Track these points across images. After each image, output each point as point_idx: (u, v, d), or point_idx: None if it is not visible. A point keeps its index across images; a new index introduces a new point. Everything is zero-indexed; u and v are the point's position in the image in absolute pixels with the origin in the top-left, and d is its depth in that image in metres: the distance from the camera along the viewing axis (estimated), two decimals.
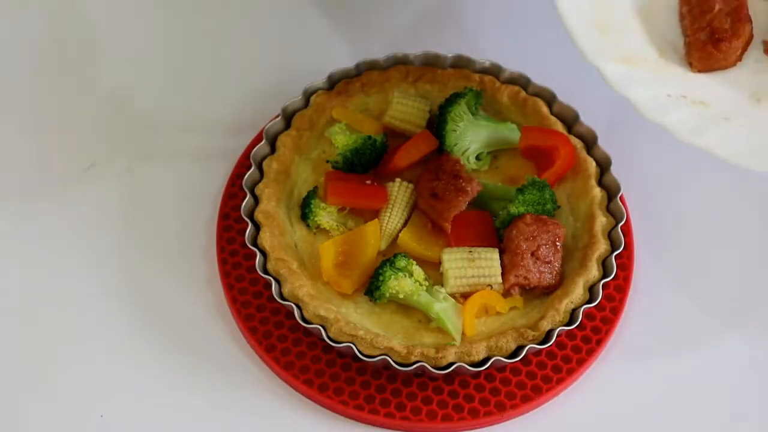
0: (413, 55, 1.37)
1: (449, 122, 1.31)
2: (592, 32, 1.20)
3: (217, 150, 1.39)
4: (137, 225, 1.34)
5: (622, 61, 1.20)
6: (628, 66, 1.20)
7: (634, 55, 1.22)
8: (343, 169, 1.30)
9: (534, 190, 1.27)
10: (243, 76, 1.47)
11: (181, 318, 1.27)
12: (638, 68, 1.21)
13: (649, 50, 1.24)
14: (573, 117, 1.34)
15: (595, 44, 1.19)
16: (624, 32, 1.24)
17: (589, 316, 1.26)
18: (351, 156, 1.29)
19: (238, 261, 1.29)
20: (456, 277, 1.22)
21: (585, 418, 1.24)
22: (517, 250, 1.24)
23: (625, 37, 1.24)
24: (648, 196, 1.38)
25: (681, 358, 1.27)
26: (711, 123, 1.18)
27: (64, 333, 1.26)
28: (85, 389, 1.23)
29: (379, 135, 1.31)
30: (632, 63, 1.20)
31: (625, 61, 1.20)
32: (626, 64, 1.20)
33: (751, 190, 1.40)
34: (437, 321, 1.21)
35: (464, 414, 1.21)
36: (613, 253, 1.25)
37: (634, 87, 1.17)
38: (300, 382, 1.22)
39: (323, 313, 1.20)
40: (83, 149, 1.40)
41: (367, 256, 1.24)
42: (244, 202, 1.27)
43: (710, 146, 1.15)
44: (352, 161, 1.29)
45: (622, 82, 1.17)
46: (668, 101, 1.19)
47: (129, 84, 1.46)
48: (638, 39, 1.25)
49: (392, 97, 1.35)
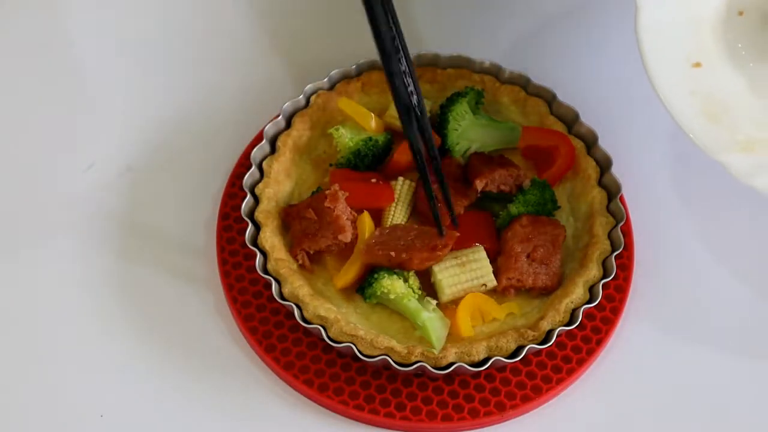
0: (413, 55, 1.37)
1: (451, 121, 1.31)
2: (705, 124, 1.19)
3: (217, 150, 1.39)
4: (137, 225, 1.34)
5: (741, 150, 1.18)
6: (747, 153, 1.18)
7: (750, 140, 1.20)
8: (354, 168, 1.30)
9: (534, 190, 1.27)
10: (243, 76, 1.47)
11: (182, 318, 1.27)
12: (758, 153, 1.19)
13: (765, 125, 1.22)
14: (573, 117, 1.34)
15: (710, 137, 1.18)
16: (734, 116, 1.22)
17: (589, 316, 1.26)
18: (353, 158, 1.29)
19: (238, 261, 1.29)
20: (450, 285, 1.22)
21: (585, 418, 1.24)
22: (511, 252, 1.24)
23: (737, 122, 1.21)
24: (648, 196, 1.38)
25: (681, 358, 1.27)
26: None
27: (63, 333, 1.26)
28: (85, 389, 1.23)
29: (381, 134, 1.31)
30: (750, 149, 1.18)
31: (743, 149, 1.18)
32: (745, 152, 1.18)
33: (752, 190, 1.40)
34: (422, 329, 1.21)
35: (464, 414, 1.21)
36: (613, 253, 1.25)
37: (759, 176, 1.16)
38: (300, 382, 1.22)
39: (323, 313, 1.20)
40: (83, 149, 1.40)
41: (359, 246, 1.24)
42: (244, 202, 1.27)
43: None
44: (355, 163, 1.30)
45: (746, 174, 1.16)
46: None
47: (129, 83, 1.46)
48: (751, 118, 1.22)
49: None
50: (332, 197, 1.23)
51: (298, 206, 1.27)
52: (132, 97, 1.45)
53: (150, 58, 1.49)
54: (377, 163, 1.31)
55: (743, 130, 1.22)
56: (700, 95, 1.21)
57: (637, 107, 1.46)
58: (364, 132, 1.32)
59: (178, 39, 1.51)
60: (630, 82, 1.47)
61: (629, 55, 1.48)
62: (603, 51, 1.50)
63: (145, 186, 1.37)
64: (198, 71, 1.48)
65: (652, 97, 1.47)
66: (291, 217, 1.26)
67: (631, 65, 1.48)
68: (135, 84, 1.46)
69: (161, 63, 1.49)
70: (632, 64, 1.47)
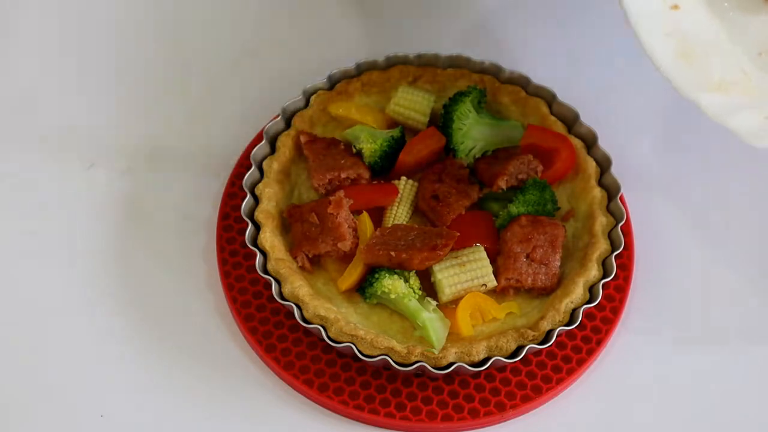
0: (413, 55, 1.38)
1: (455, 120, 1.31)
2: (680, 64, 1.18)
3: (217, 150, 1.39)
4: (137, 225, 1.34)
5: (715, 90, 1.17)
6: (722, 94, 1.17)
7: (725, 81, 1.19)
8: (374, 173, 1.31)
9: (534, 190, 1.27)
10: (243, 76, 1.47)
11: (181, 318, 1.27)
12: (733, 95, 1.18)
13: (740, 70, 1.21)
14: (573, 117, 1.34)
15: (685, 77, 1.17)
16: (710, 58, 1.21)
17: (589, 316, 1.26)
18: (381, 161, 1.30)
19: (238, 261, 1.29)
20: (450, 285, 1.22)
21: (585, 418, 1.24)
22: (510, 252, 1.24)
23: (713, 64, 1.20)
24: (648, 196, 1.38)
25: (681, 358, 1.27)
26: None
27: (63, 333, 1.26)
28: (85, 389, 1.23)
29: (396, 130, 1.31)
30: (724, 90, 1.18)
31: (717, 88, 1.18)
32: (720, 92, 1.17)
33: (752, 189, 1.40)
34: (422, 329, 1.21)
35: (464, 414, 1.21)
36: (613, 253, 1.25)
37: (733, 116, 1.15)
38: (300, 382, 1.22)
39: (323, 313, 1.20)
40: (83, 149, 1.40)
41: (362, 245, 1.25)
42: (244, 202, 1.27)
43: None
44: (382, 165, 1.30)
45: (720, 113, 1.15)
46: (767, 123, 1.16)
47: (128, 83, 1.46)
48: (726, 62, 1.21)
49: (396, 91, 1.35)
50: (336, 204, 1.24)
51: (302, 208, 1.27)
52: (132, 97, 1.45)
53: (150, 57, 1.49)
54: (395, 159, 1.31)
55: (718, 72, 1.21)
56: (676, 37, 1.20)
57: (637, 107, 1.46)
58: (373, 129, 1.32)
59: (179, 39, 1.51)
60: (630, 82, 1.47)
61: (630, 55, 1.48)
62: (603, 51, 1.50)
63: (145, 186, 1.37)
64: (198, 71, 1.48)
65: (653, 97, 1.47)
66: (294, 218, 1.26)
67: (632, 65, 1.48)
68: (135, 84, 1.46)
69: (161, 63, 1.49)
70: (632, 64, 1.48)
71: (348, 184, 1.29)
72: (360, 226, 1.25)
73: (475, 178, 1.31)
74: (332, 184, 1.28)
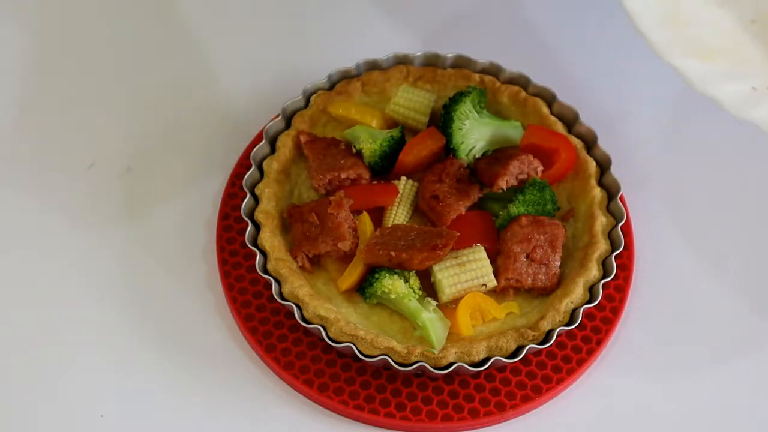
0: (413, 55, 1.37)
1: (455, 120, 1.31)
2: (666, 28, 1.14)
3: (217, 150, 1.39)
4: (137, 225, 1.34)
5: (699, 57, 1.14)
6: (706, 61, 1.14)
7: (711, 48, 1.16)
8: (374, 173, 1.30)
9: (534, 190, 1.27)
10: (243, 76, 1.47)
11: (181, 318, 1.27)
12: (718, 63, 1.15)
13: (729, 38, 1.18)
14: (573, 117, 1.34)
15: (668, 41, 1.13)
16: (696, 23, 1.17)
17: (589, 316, 1.26)
18: (381, 161, 1.30)
19: (238, 261, 1.29)
20: (450, 285, 1.22)
21: (585, 418, 1.24)
22: (510, 252, 1.24)
23: (699, 29, 1.17)
24: (648, 196, 1.38)
25: (681, 359, 1.27)
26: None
27: (63, 333, 1.26)
28: (85, 389, 1.23)
29: (396, 130, 1.31)
30: (709, 58, 1.14)
31: (702, 56, 1.14)
32: (704, 60, 1.13)
33: (752, 189, 1.40)
34: (422, 329, 1.20)
35: (464, 414, 1.21)
36: (613, 253, 1.25)
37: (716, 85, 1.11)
38: (300, 382, 1.22)
39: (323, 313, 1.20)
40: (83, 149, 1.40)
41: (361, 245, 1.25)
42: (244, 202, 1.27)
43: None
44: (382, 165, 1.30)
45: (702, 81, 1.11)
46: (754, 95, 1.12)
47: (128, 83, 1.46)
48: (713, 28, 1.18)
49: (396, 91, 1.35)
50: (336, 204, 1.24)
51: (302, 208, 1.27)
52: (132, 97, 1.45)
53: (150, 57, 1.49)
54: (395, 159, 1.31)
55: (704, 38, 1.18)
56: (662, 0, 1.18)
57: (637, 107, 1.46)
58: (373, 129, 1.32)
59: (178, 39, 1.51)
60: (630, 82, 1.47)
61: (630, 56, 1.49)
62: (603, 51, 1.50)
63: (145, 186, 1.37)
64: (198, 71, 1.48)
65: (653, 98, 1.47)
66: (294, 218, 1.26)
67: (632, 65, 1.48)
68: (135, 84, 1.46)
69: (162, 62, 1.49)
70: (633, 64, 1.48)
71: (348, 184, 1.29)
72: (360, 226, 1.25)
73: (475, 178, 1.31)
74: (332, 184, 1.28)
